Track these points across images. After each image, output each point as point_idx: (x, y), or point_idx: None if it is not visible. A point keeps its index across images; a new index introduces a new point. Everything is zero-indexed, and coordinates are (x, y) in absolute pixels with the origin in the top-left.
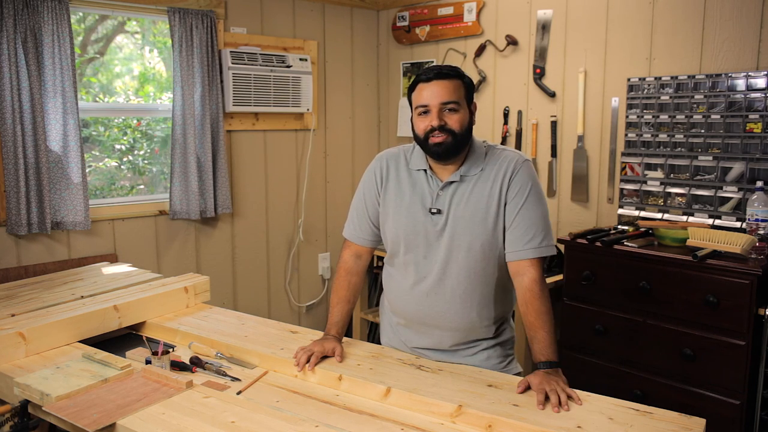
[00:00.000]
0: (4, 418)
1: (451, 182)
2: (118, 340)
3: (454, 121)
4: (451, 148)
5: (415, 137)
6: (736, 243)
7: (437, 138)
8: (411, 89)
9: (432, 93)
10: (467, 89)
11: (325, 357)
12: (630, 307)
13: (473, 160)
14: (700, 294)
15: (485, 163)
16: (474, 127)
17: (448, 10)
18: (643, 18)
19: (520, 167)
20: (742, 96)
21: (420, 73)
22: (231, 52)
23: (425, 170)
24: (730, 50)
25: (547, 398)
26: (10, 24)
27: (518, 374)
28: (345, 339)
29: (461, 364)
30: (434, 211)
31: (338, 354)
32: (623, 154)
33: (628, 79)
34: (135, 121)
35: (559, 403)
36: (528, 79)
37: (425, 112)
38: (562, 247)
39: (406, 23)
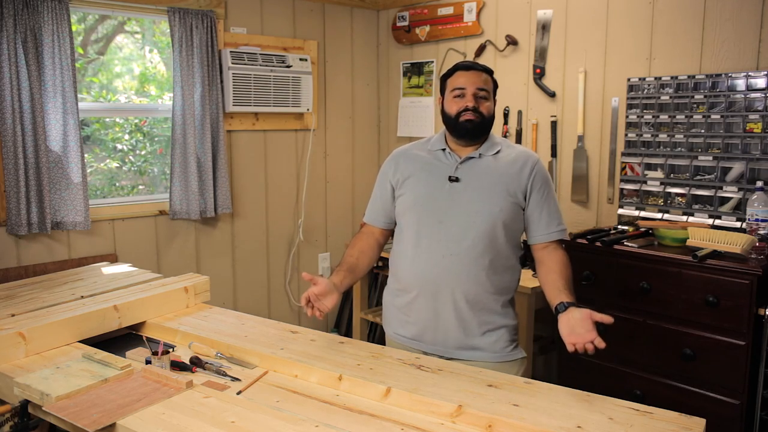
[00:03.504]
0: (4, 418)
1: (471, 158)
2: (118, 340)
3: (484, 107)
4: (478, 127)
5: (445, 117)
6: (736, 243)
7: (469, 116)
8: (448, 75)
9: (469, 79)
10: (494, 86)
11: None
12: (630, 307)
13: (490, 144)
14: (700, 294)
15: (501, 148)
16: None
17: (448, 10)
18: (643, 18)
19: (539, 163)
20: (742, 96)
21: (459, 63)
22: (231, 52)
23: (443, 149)
24: (730, 50)
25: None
26: (10, 24)
27: (523, 359)
28: (345, 339)
29: (474, 348)
30: (453, 178)
31: (318, 285)
32: (623, 154)
33: (628, 79)
34: (140, 121)
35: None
36: (528, 79)
37: (461, 95)
38: None
39: (406, 23)
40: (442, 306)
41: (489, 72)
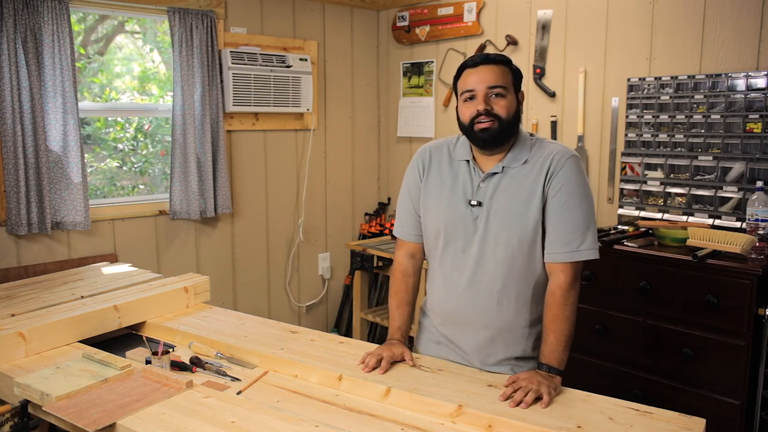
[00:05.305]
0: (4, 418)
1: (494, 174)
2: (118, 340)
3: (500, 107)
4: (497, 134)
5: (461, 125)
6: (736, 243)
7: (483, 123)
8: (457, 77)
9: (478, 78)
10: (515, 76)
11: (394, 363)
12: (630, 307)
13: (518, 152)
14: (700, 294)
15: (530, 155)
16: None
17: (448, 10)
18: (643, 18)
19: (564, 163)
20: (742, 96)
21: (467, 60)
22: (231, 52)
23: (467, 161)
24: (730, 50)
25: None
26: (10, 24)
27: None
28: (344, 339)
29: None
30: (474, 203)
31: (409, 359)
32: (623, 154)
33: (628, 79)
34: (146, 125)
35: (520, 402)
36: (528, 79)
37: (471, 98)
38: None
39: (406, 23)
40: (465, 341)
41: (505, 62)
